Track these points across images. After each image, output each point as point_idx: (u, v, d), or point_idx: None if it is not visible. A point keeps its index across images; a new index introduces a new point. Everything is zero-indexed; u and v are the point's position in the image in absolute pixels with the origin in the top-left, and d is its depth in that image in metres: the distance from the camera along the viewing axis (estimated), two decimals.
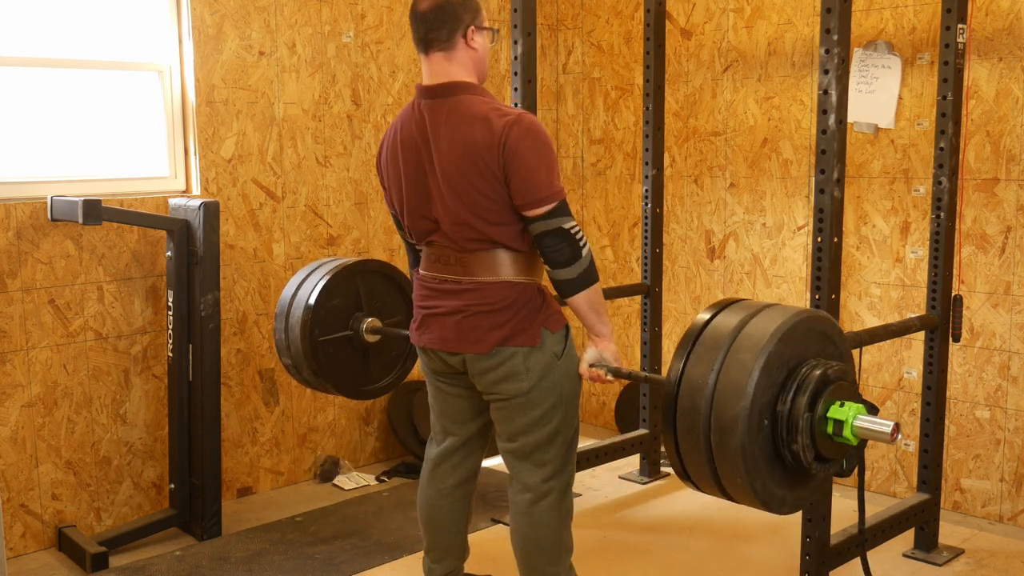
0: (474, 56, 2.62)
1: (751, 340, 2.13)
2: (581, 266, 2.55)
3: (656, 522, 3.79)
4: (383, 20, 4.36)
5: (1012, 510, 3.73)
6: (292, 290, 3.39)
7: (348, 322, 3.39)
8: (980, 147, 3.68)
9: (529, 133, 2.49)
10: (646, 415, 4.22)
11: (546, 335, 2.61)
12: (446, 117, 2.55)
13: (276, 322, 3.41)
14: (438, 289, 2.68)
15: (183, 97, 3.89)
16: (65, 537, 3.54)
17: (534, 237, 2.55)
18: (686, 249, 4.60)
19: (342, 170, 4.28)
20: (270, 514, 3.92)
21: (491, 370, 2.62)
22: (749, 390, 2.09)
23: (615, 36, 4.78)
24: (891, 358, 3.98)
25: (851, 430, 2.16)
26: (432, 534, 2.94)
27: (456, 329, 2.63)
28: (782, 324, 2.15)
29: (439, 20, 2.56)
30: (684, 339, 2.24)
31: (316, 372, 3.32)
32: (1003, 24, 3.58)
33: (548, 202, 2.51)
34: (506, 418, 2.69)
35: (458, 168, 2.53)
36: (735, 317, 2.22)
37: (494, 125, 2.50)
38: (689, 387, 2.18)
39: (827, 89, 2.76)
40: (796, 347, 2.17)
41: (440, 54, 2.59)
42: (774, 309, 2.24)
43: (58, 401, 3.59)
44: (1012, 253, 3.65)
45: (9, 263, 3.44)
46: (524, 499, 2.72)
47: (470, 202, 2.54)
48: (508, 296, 2.60)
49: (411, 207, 2.67)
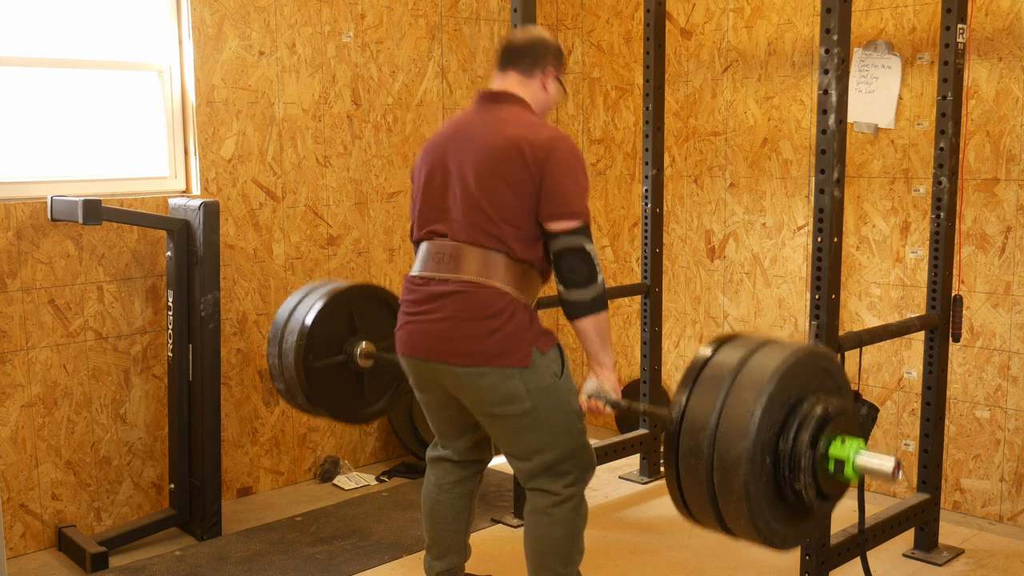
0: (542, 95, 2.76)
1: (753, 378, 2.14)
2: (596, 290, 2.58)
3: (656, 522, 3.79)
4: (383, 20, 4.36)
5: (1012, 510, 3.73)
6: (285, 315, 3.35)
7: (342, 347, 3.37)
8: (980, 147, 3.68)
9: (572, 153, 2.60)
10: (646, 415, 4.22)
11: (536, 355, 2.58)
12: (497, 117, 2.66)
13: (269, 347, 3.38)
14: (424, 292, 2.66)
15: (183, 97, 3.89)
16: (65, 537, 3.54)
17: (554, 254, 2.57)
18: (686, 249, 4.60)
19: (342, 170, 4.28)
20: (270, 514, 3.92)
21: (486, 390, 2.59)
22: (752, 429, 2.09)
23: (615, 36, 4.79)
24: (891, 358, 3.98)
25: (853, 469, 2.17)
26: (434, 531, 2.94)
27: (440, 337, 2.60)
28: (783, 362, 2.16)
29: (527, 50, 2.73)
30: (685, 376, 2.25)
31: (310, 398, 3.30)
32: (1003, 24, 3.58)
33: (576, 218, 2.56)
34: (513, 439, 2.67)
35: (498, 159, 2.57)
36: (736, 353, 2.22)
37: (541, 134, 2.60)
38: (691, 426, 2.18)
39: (827, 89, 2.76)
40: (797, 384, 2.18)
41: (515, 74, 2.73)
42: (774, 345, 2.25)
43: (58, 401, 3.59)
44: (1012, 253, 3.65)
45: (9, 263, 3.44)
46: (546, 501, 2.70)
47: (494, 192, 2.57)
48: (496, 303, 2.57)
49: (432, 191, 2.69)
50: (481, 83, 4.72)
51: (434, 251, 2.69)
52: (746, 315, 4.41)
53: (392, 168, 4.44)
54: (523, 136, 2.58)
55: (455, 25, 4.61)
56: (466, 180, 2.61)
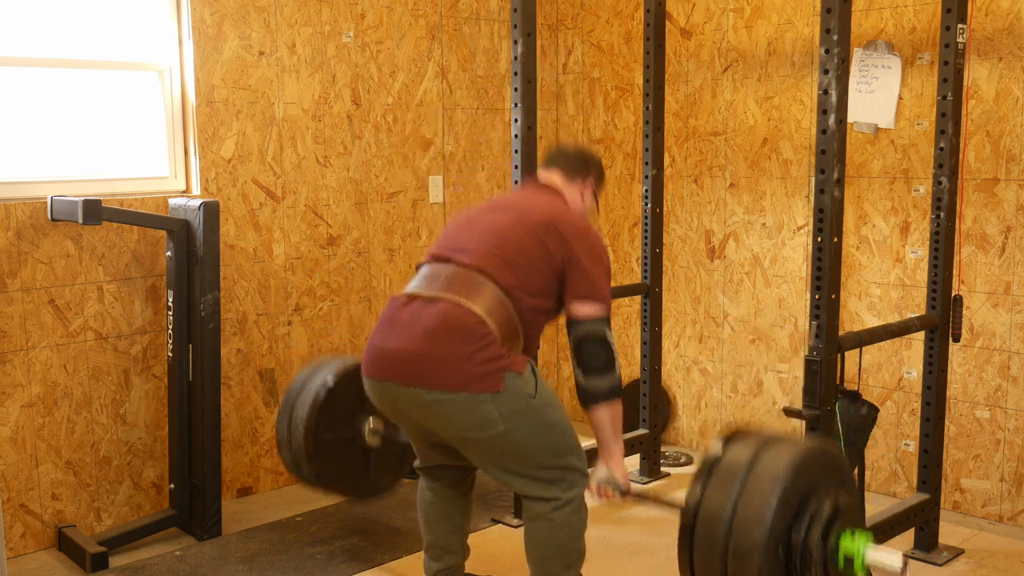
0: (579, 201, 2.91)
1: (768, 471, 2.24)
2: (613, 379, 2.63)
3: (656, 522, 3.78)
4: (383, 20, 4.36)
5: (1012, 510, 3.73)
6: (297, 387, 3.39)
7: (351, 422, 3.39)
8: (980, 147, 3.68)
9: (601, 244, 2.74)
10: (646, 415, 4.22)
11: (510, 379, 2.55)
12: (539, 195, 2.84)
13: (279, 417, 3.41)
14: (402, 312, 2.62)
15: (183, 97, 3.89)
16: (65, 537, 3.54)
17: (576, 340, 2.62)
18: (686, 249, 4.60)
19: (342, 170, 4.28)
20: (270, 514, 3.92)
21: (457, 418, 2.55)
22: (768, 518, 2.18)
23: (615, 36, 4.78)
24: (891, 358, 3.98)
25: (862, 566, 2.25)
26: (430, 533, 2.94)
27: (409, 359, 2.55)
28: (796, 456, 2.26)
29: (574, 158, 2.92)
30: (699, 470, 2.34)
31: (316, 471, 3.32)
32: (1003, 24, 3.58)
33: (601, 303, 2.64)
34: (491, 460, 2.65)
35: (531, 223, 2.68)
36: (748, 449, 2.32)
37: (577, 220, 2.74)
38: (708, 515, 2.26)
39: (827, 89, 2.76)
40: (808, 478, 2.28)
41: (559, 173, 2.91)
42: (785, 441, 2.36)
43: (58, 401, 3.59)
44: (1012, 253, 3.65)
45: (9, 263, 3.44)
46: (546, 507, 2.69)
47: (520, 243, 2.64)
48: (472, 329, 2.52)
49: (456, 230, 2.76)
50: (481, 83, 4.72)
51: (430, 272, 2.69)
52: (746, 315, 4.41)
53: (392, 168, 4.44)
54: (560, 215, 2.71)
55: (455, 25, 4.61)
56: (496, 224, 2.68)
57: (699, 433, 4.65)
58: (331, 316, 4.31)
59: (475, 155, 4.75)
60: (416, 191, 4.54)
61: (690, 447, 4.69)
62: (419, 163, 4.54)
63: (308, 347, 4.25)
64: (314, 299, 4.25)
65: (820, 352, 2.83)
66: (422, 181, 4.55)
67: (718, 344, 4.53)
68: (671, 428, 4.73)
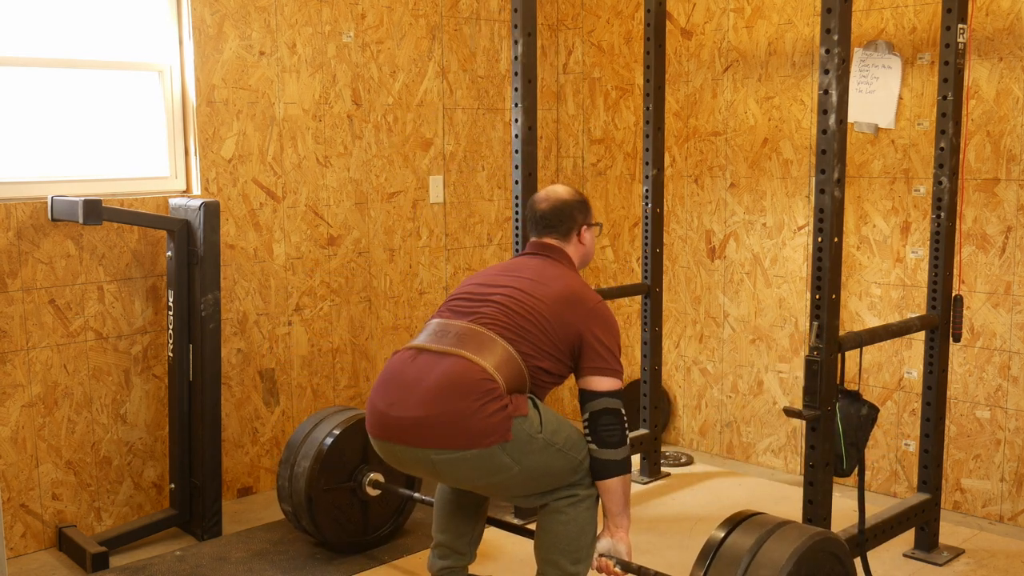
0: (581, 250, 2.94)
1: (770, 558, 2.27)
2: (626, 451, 2.67)
3: (656, 522, 3.79)
4: (383, 20, 4.36)
5: (1012, 510, 3.73)
6: (300, 439, 3.44)
7: (352, 474, 3.44)
8: (980, 147, 3.68)
9: (612, 320, 2.76)
10: (646, 415, 4.22)
11: (517, 424, 2.56)
12: (549, 265, 2.84)
13: (281, 468, 3.45)
14: (411, 365, 2.64)
15: (183, 97, 3.89)
16: (65, 537, 3.54)
17: (592, 413, 2.65)
18: (686, 249, 4.60)
19: (342, 170, 4.28)
20: (270, 514, 3.92)
21: (469, 471, 2.58)
22: None
23: (615, 36, 4.78)
24: (891, 358, 3.98)
25: None
26: (442, 532, 2.96)
27: (414, 422, 2.56)
28: (799, 546, 2.28)
29: (556, 221, 2.90)
30: (703, 553, 2.37)
31: (316, 523, 3.36)
32: (1003, 24, 3.58)
33: (616, 377, 2.68)
34: (509, 493, 2.70)
35: (547, 294, 2.71)
36: (751, 536, 2.34)
37: (589, 295, 2.76)
38: None
39: (827, 89, 2.76)
40: (810, 567, 2.30)
41: (553, 240, 2.91)
42: (789, 528, 2.38)
43: (58, 401, 3.59)
44: (1012, 253, 3.65)
45: (9, 263, 3.44)
46: (563, 502, 2.71)
47: (537, 311, 2.67)
48: (479, 384, 2.54)
49: (471, 291, 2.79)
50: (482, 83, 4.72)
51: (441, 327, 2.72)
52: (746, 315, 4.41)
53: (392, 168, 4.44)
54: (577, 291, 2.75)
55: (455, 25, 4.61)
56: (514, 287, 2.72)
57: (699, 433, 4.65)
58: (331, 316, 4.31)
59: (475, 155, 4.75)
60: (416, 191, 4.54)
61: (690, 447, 4.69)
62: (419, 163, 4.54)
63: (308, 347, 4.25)
64: (314, 299, 4.25)
65: (820, 352, 2.83)
66: (422, 181, 4.55)
67: (718, 344, 4.53)
68: (670, 428, 4.73)
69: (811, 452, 2.86)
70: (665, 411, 4.69)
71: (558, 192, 2.95)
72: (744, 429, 4.47)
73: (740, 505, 3.77)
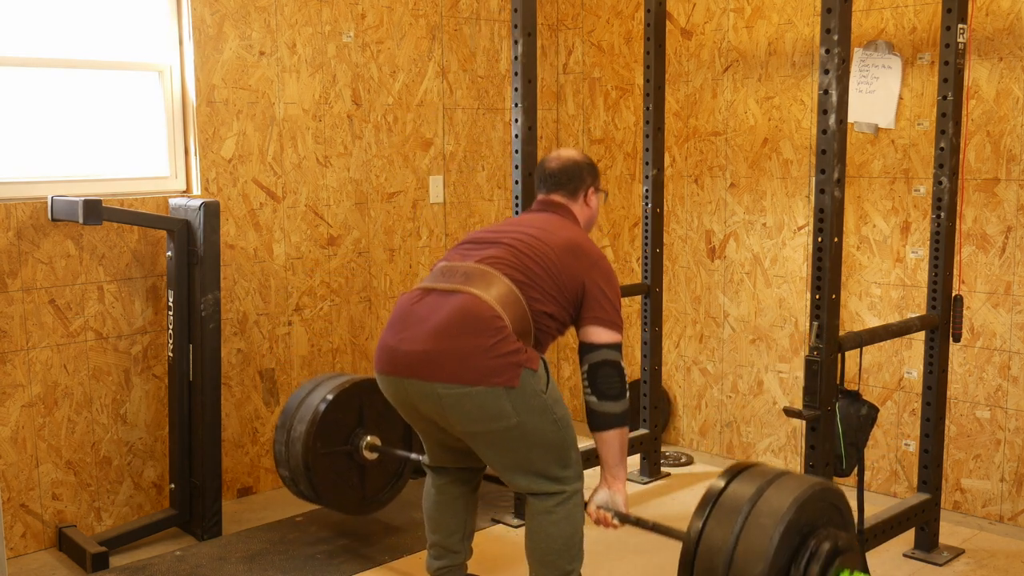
0: (586, 212, 2.96)
1: (771, 506, 2.26)
2: (625, 404, 2.68)
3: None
4: (383, 20, 4.36)
5: (1012, 510, 3.73)
6: (296, 403, 3.44)
7: (348, 438, 3.45)
8: (980, 147, 3.68)
9: (611, 273, 2.78)
10: (646, 415, 4.22)
11: (526, 375, 2.57)
12: (555, 218, 2.87)
13: (277, 434, 3.45)
14: (416, 306, 2.64)
15: (183, 97, 3.89)
16: (65, 537, 3.54)
17: (592, 365, 2.65)
18: (686, 249, 4.60)
19: (342, 170, 4.28)
20: (270, 514, 3.92)
21: (473, 410, 2.57)
22: (770, 552, 2.18)
23: (615, 36, 4.78)
24: (891, 358, 3.98)
25: None
26: (435, 532, 2.95)
27: (424, 355, 2.57)
28: (800, 493, 2.27)
29: (565, 179, 2.93)
30: (702, 502, 2.35)
31: (313, 485, 3.36)
32: (1003, 24, 3.58)
33: (616, 329, 2.69)
34: (499, 454, 2.67)
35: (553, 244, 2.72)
36: (752, 484, 2.33)
37: (592, 248, 2.79)
38: (708, 547, 2.27)
39: (827, 89, 2.76)
40: (810, 515, 2.29)
41: (559, 196, 2.93)
42: (788, 477, 2.37)
43: (58, 401, 3.59)
44: (1012, 253, 3.65)
45: (9, 263, 3.44)
46: (550, 502, 2.71)
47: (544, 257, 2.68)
48: (488, 322, 2.55)
49: (477, 238, 2.81)
50: (482, 83, 4.72)
51: (447, 268, 2.72)
52: (746, 315, 4.41)
53: (392, 168, 4.44)
54: (581, 242, 2.77)
55: (455, 25, 4.61)
56: (520, 235, 2.74)
57: (699, 433, 4.65)
58: (331, 316, 4.31)
59: (475, 155, 4.75)
60: (416, 191, 4.54)
61: (690, 447, 4.69)
62: (419, 163, 4.54)
63: (308, 347, 4.25)
64: (314, 299, 4.25)
65: (820, 352, 2.83)
66: (422, 181, 4.55)
67: (718, 344, 4.53)
68: (670, 428, 4.73)
69: (811, 452, 2.87)
70: (665, 411, 4.69)
71: (569, 152, 3.00)
72: (744, 429, 4.47)
73: None
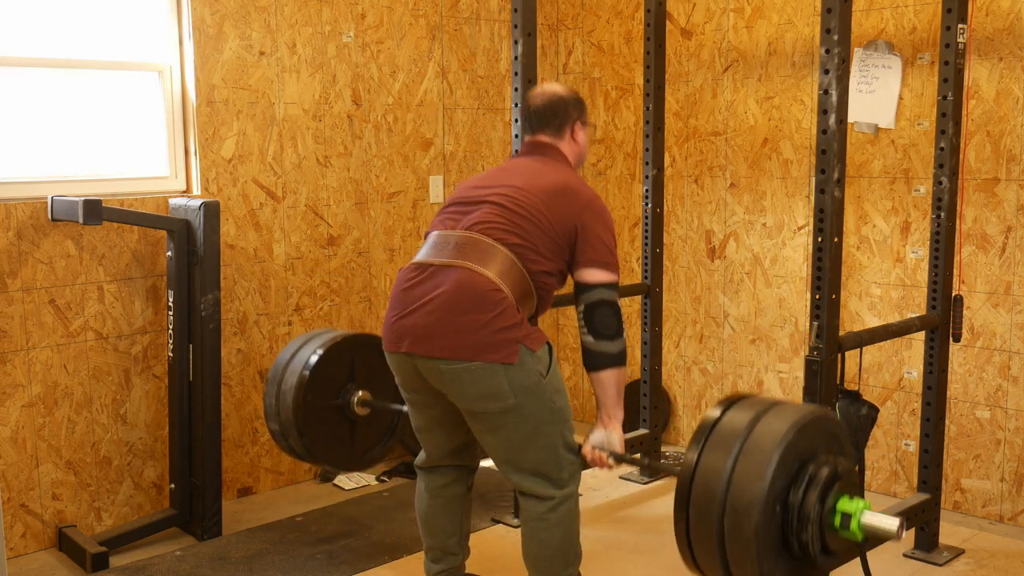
0: (575, 148, 2.89)
1: (770, 429, 2.23)
2: (621, 343, 2.65)
3: (656, 522, 3.79)
4: (383, 20, 4.36)
5: (1012, 510, 3.73)
6: (287, 357, 3.41)
7: (340, 393, 3.42)
8: (980, 147, 3.68)
9: (606, 212, 2.74)
10: (646, 415, 4.22)
11: (525, 354, 2.57)
12: (544, 164, 2.80)
13: (267, 387, 3.42)
14: (416, 283, 2.65)
15: (183, 97, 3.89)
16: (65, 537, 3.54)
17: (587, 305, 2.63)
18: (686, 249, 4.60)
19: (342, 170, 4.28)
20: (270, 514, 3.92)
21: (470, 386, 2.57)
22: (768, 474, 2.16)
23: (615, 36, 4.78)
24: (891, 358, 3.98)
25: (858, 525, 2.23)
26: (430, 536, 2.94)
27: (426, 332, 2.58)
28: (799, 418, 2.25)
29: (551, 114, 2.85)
30: (698, 431, 2.33)
31: (303, 438, 3.33)
32: (1003, 24, 3.58)
33: (611, 270, 2.66)
34: (500, 435, 2.65)
35: (541, 191, 2.68)
36: (748, 413, 2.31)
37: (584, 189, 2.74)
38: (706, 471, 2.25)
39: (827, 89, 2.76)
40: (809, 441, 2.27)
41: (545, 136, 2.86)
42: (786, 406, 2.35)
43: (58, 401, 3.59)
44: (1012, 253, 3.65)
45: (9, 263, 3.44)
46: (542, 507, 2.70)
47: (533, 211, 2.64)
48: (486, 296, 2.55)
49: (465, 198, 2.76)
50: (482, 83, 4.72)
51: (439, 239, 2.70)
52: (746, 315, 4.41)
53: (392, 168, 4.44)
54: (570, 183, 2.72)
55: (455, 25, 4.61)
56: (505, 189, 2.69)
57: None
58: (331, 316, 4.31)
59: (475, 155, 4.75)
60: (416, 191, 4.54)
61: None
62: (419, 163, 4.54)
63: None
64: (314, 299, 4.25)
65: (820, 352, 2.83)
66: (422, 181, 4.55)
67: (718, 344, 4.53)
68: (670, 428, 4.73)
69: None
70: (665, 411, 4.69)
71: (553, 87, 2.91)
72: None
73: None
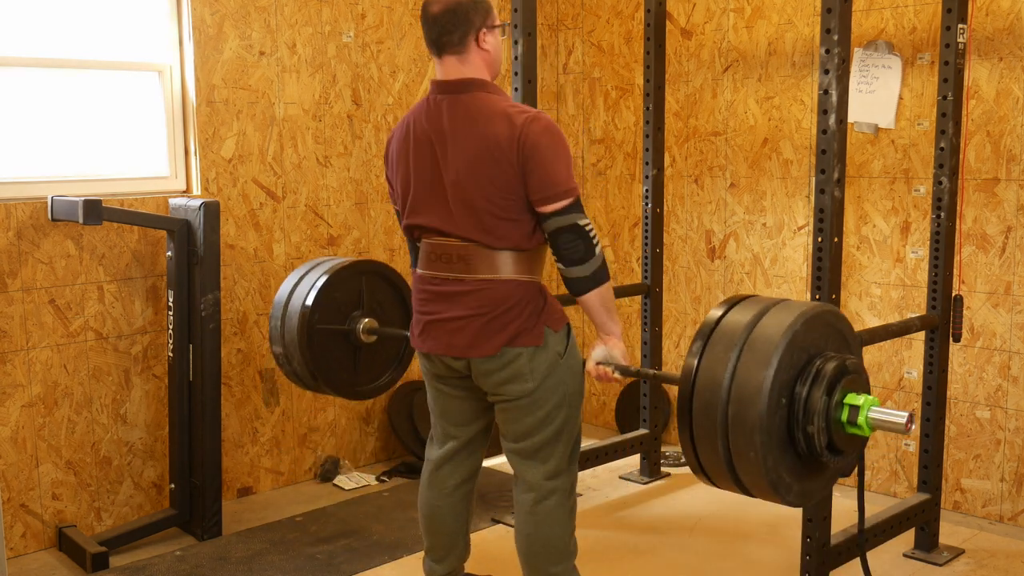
0: (486, 57, 2.64)
1: (777, 320, 2.17)
2: (594, 264, 2.57)
3: (657, 522, 3.79)
4: (383, 20, 4.36)
5: (1012, 510, 3.73)
6: (294, 281, 3.39)
7: (346, 319, 3.39)
8: (980, 147, 3.68)
9: (548, 131, 2.53)
10: (646, 415, 4.22)
11: (548, 334, 2.61)
12: (464, 112, 2.58)
13: (273, 311, 3.40)
14: (439, 292, 2.66)
15: (183, 97, 3.89)
16: (65, 537, 3.54)
17: (549, 234, 2.56)
18: (686, 249, 4.60)
19: (342, 170, 4.28)
20: (270, 514, 3.92)
21: (496, 371, 2.62)
22: (773, 362, 2.10)
23: (615, 36, 4.78)
24: (891, 358, 3.98)
25: (866, 418, 2.18)
26: (433, 535, 2.94)
27: (463, 334, 2.62)
28: (807, 310, 2.19)
29: (451, 24, 2.58)
30: (699, 332, 2.28)
31: (307, 361, 3.29)
32: (1003, 24, 3.58)
33: (565, 197, 2.53)
34: (512, 419, 2.69)
35: (475, 160, 2.54)
36: (752, 309, 2.25)
37: (514, 121, 2.53)
38: (708, 368, 2.19)
39: (827, 89, 2.76)
40: (816, 336, 2.21)
41: (453, 57, 2.61)
42: (793, 301, 2.29)
43: (58, 401, 3.59)
44: (1012, 253, 3.65)
45: (9, 263, 3.44)
46: (529, 498, 2.72)
47: (484, 195, 2.55)
48: (513, 295, 2.59)
49: (419, 199, 2.66)
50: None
51: (439, 252, 2.67)
52: None
53: None
54: (498, 130, 2.53)
55: None
56: (456, 186, 2.58)
57: None
58: None
59: None
60: None
61: None
62: None
63: None
64: None
65: None
66: None
67: None
68: (670, 428, 4.73)
69: None
70: (665, 411, 4.69)
71: None
72: None
73: (740, 505, 3.77)
